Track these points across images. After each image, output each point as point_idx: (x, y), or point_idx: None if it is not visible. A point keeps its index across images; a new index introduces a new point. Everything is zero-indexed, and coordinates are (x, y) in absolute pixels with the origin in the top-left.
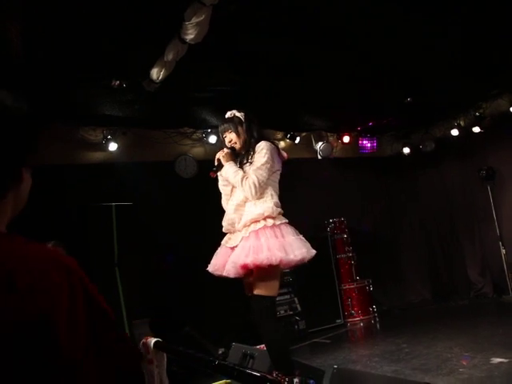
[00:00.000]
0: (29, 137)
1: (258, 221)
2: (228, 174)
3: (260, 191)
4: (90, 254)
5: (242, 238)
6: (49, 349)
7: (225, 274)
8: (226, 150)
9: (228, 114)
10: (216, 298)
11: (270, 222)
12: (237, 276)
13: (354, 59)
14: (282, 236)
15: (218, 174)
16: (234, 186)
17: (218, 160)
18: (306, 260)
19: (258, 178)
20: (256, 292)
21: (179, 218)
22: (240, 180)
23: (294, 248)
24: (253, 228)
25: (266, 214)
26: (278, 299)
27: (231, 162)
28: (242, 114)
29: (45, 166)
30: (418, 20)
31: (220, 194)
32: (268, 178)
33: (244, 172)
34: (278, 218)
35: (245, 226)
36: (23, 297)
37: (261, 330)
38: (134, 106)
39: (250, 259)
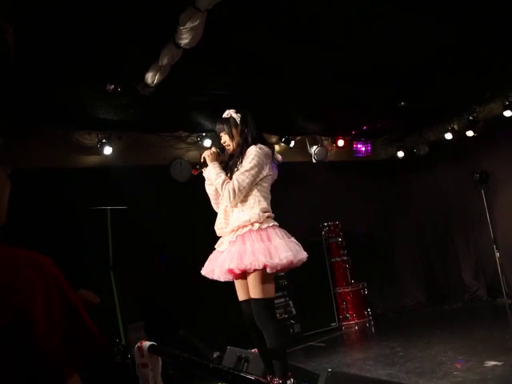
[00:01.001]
0: None
1: (246, 226)
2: (210, 174)
3: (239, 196)
4: (85, 258)
5: (229, 243)
6: (28, 338)
7: (215, 277)
8: (213, 149)
9: (225, 114)
10: (212, 301)
11: (256, 225)
12: (227, 280)
13: (349, 62)
14: (269, 239)
15: (204, 173)
16: None
17: (204, 158)
18: (295, 263)
19: (238, 183)
20: (252, 296)
21: (174, 221)
22: (221, 183)
23: (279, 251)
24: (239, 232)
25: (252, 221)
26: None
27: (216, 162)
28: (239, 115)
29: (40, 170)
30: (413, 23)
31: None
32: (256, 184)
33: (230, 176)
34: (265, 222)
35: (232, 230)
36: (2, 295)
37: (262, 332)
38: (129, 110)
39: (235, 264)
